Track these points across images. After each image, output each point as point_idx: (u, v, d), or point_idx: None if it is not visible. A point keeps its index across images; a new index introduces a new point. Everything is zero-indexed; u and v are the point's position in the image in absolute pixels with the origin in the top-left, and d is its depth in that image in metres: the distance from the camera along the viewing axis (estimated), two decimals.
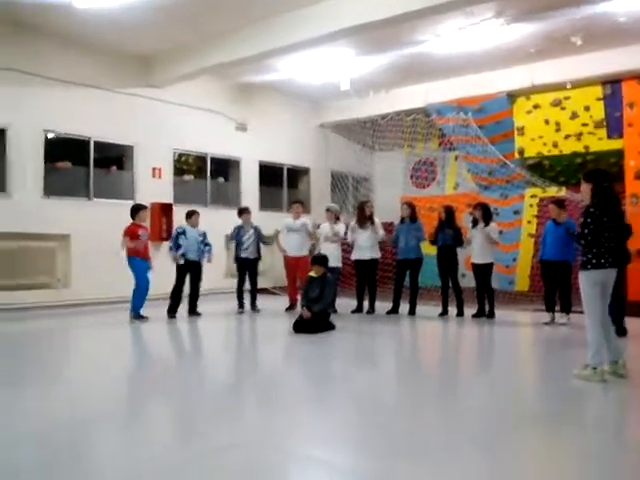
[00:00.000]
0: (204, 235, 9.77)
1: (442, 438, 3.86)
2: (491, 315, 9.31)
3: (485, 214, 9.40)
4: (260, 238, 10.32)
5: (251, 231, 10.21)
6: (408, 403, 4.77)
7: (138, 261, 9.01)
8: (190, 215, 9.81)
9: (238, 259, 10.24)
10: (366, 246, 9.96)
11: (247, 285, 10.26)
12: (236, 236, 10.26)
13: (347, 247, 10.44)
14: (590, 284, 5.26)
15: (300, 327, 7.91)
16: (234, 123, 13.74)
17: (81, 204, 11.07)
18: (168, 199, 12.30)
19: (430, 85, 13.41)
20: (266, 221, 10.98)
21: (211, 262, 9.89)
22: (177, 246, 9.49)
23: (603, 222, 5.22)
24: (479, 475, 3.30)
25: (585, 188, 5.43)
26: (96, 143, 11.31)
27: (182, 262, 9.48)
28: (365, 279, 10.07)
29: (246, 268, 10.20)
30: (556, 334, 8.13)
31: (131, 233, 9.00)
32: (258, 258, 10.28)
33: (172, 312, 9.46)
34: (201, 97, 12.95)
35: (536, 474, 3.37)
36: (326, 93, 14.09)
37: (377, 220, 10.19)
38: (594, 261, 5.24)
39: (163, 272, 9.74)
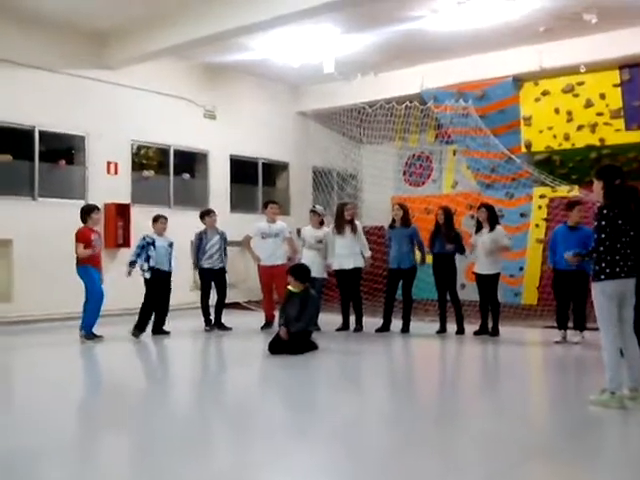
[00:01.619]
0: (171, 245, 9.71)
1: (439, 475, 3.87)
2: (495, 332, 9.36)
3: (491, 216, 9.45)
4: (225, 244, 10.24)
5: (216, 237, 10.16)
6: (401, 434, 4.78)
7: (92, 270, 8.89)
8: (156, 220, 9.75)
9: (201, 270, 10.21)
10: (346, 254, 9.98)
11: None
12: (199, 243, 10.19)
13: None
14: (605, 297, 5.27)
15: (277, 348, 7.88)
16: (201, 110, 13.72)
17: (24, 204, 10.98)
18: (125, 199, 12.24)
19: (426, 68, 13.48)
20: (238, 224, 10.94)
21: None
22: (146, 258, 9.35)
23: (618, 225, 5.26)
24: None
25: (596, 186, 5.49)
26: (42, 133, 11.24)
27: (148, 276, 9.39)
28: (349, 292, 10.10)
29: (212, 280, 10.18)
30: (569, 354, 8.20)
31: (83, 238, 8.87)
32: (224, 268, 10.26)
33: (139, 330, 9.33)
34: (163, 80, 12.90)
35: None
36: (306, 76, 14.11)
37: (359, 224, 10.26)
38: (608, 270, 5.25)
39: (120, 285, 9.65)
